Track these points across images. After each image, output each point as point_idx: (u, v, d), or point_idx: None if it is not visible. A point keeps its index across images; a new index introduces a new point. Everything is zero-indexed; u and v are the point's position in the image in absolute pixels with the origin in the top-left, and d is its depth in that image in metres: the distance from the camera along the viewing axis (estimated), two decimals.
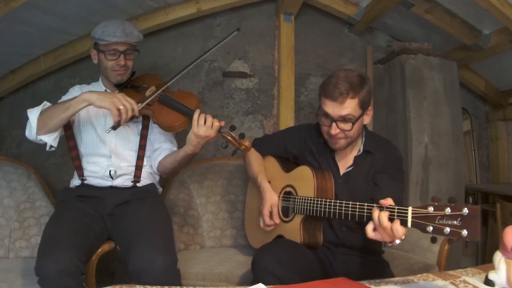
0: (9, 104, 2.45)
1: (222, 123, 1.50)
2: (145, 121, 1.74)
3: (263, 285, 1.06)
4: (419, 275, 1.19)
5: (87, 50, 2.35)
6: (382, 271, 1.46)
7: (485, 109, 3.14)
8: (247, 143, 1.48)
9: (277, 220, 1.54)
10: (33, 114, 1.51)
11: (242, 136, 1.49)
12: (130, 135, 1.73)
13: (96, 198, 1.61)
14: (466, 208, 0.93)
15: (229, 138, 1.49)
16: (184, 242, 2.00)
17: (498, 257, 1.01)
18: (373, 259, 1.52)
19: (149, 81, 1.73)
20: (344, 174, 1.53)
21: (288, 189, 1.60)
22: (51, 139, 1.53)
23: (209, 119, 1.48)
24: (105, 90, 1.73)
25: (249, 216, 1.87)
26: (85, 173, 1.67)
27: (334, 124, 1.41)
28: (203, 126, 1.46)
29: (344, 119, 1.40)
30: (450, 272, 1.21)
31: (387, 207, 1.10)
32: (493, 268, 1.03)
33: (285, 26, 2.60)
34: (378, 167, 1.50)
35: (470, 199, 0.97)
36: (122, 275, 2.31)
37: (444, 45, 2.66)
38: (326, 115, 1.42)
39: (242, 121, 2.65)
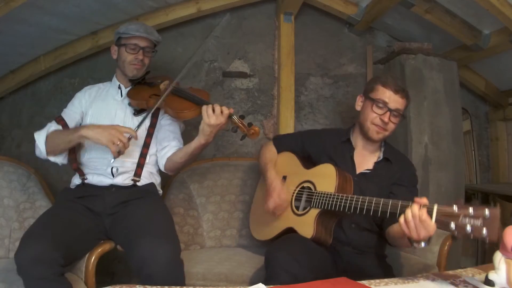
0: (9, 104, 2.45)
1: (231, 110, 1.55)
2: (153, 119, 1.77)
3: (263, 285, 1.06)
4: (419, 275, 1.19)
5: (87, 50, 2.36)
6: (386, 272, 1.48)
7: (485, 109, 3.14)
8: (256, 128, 1.57)
9: (287, 201, 1.60)
10: (40, 139, 1.59)
11: (250, 125, 1.58)
12: (138, 130, 1.72)
13: (96, 196, 1.62)
14: (487, 210, 0.99)
15: (239, 123, 1.57)
16: (184, 242, 2.00)
17: (498, 257, 1.01)
18: (377, 262, 1.53)
19: (160, 78, 1.80)
20: (360, 174, 1.59)
21: (306, 184, 1.62)
22: (60, 159, 1.65)
23: (217, 107, 1.53)
24: (119, 85, 1.80)
25: (259, 206, 1.85)
26: (86, 170, 1.68)
27: (388, 113, 1.54)
28: (213, 115, 1.51)
29: (397, 112, 1.55)
30: (450, 272, 1.21)
31: (412, 203, 1.16)
32: (493, 268, 1.03)
33: (285, 26, 2.60)
34: (395, 178, 1.55)
35: (492, 204, 1.02)
36: (122, 275, 2.31)
37: (444, 45, 2.66)
38: (384, 103, 1.54)
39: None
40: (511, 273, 0.98)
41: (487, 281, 1.04)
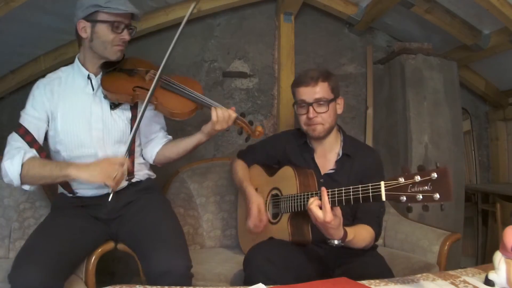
0: (9, 104, 2.45)
1: (233, 109, 1.50)
2: (133, 110, 1.56)
3: (263, 285, 1.05)
4: (419, 275, 1.19)
5: None
6: (377, 264, 1.45)
7: (485, 109, 3.15)
8: (260, 128, 1.54)
9: (265, 220, 1.59)
10: (13, 170, 1.32)
11: (251, 123, 1.54)
12: (120, 124, 1.53)
13: (95, 205, 1.51)
14: (434, 172, 0.95)
15: (243, 125, 1.52)
16: None
17: (498, 257, 1.01)
18: (367, 254, 1.51)
19: (140, 65, 1.57)
20: (326, 175, 1.58)
21: (274, 191, 1.63)
22: (34, 187, 1.43)
23: (226, 113, 1.47)
24: (88, 75, 1.50)
25: (242, 224, 1.88)
26: (74, 186, 1.51)
27: (311, 108, 1.52)
28: (223, 122, 1.47)
29: (319, 101, 1.52)
30: (450, 272, 1.21)
31: (362, 187, 1.16)
32: (493, 268, 1.03)
33: (285, 26, 2.60)
34: (361, 171, 1.53)
35: (437, 164, 0.97)
36: (122, 275, 2.31)
37: (444, 45, 2.66)
38: (302, 102, 1.54)
39: None
40: (511, 273, 0.98)
41: (487, 281, 1.04)
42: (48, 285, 1.17)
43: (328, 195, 1.22)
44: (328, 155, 1.61)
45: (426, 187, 0.96)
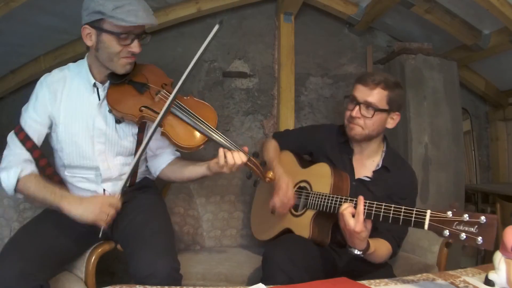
0: (9, 104, 2.45)
1: (246, 150, 1.36)
2: (141, 123, 1.45)
3: (263, 285, 1.05)
4: (419, 275, 1.19)
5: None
6: (386, 271, 1.45)
7: (485, 109, 3.15)
8: (271, 174, 1.42)
9: (292, 200, 1.53)
10: (8, 182, 1.28)
11: (256, 155, 1.41)
12: (124, 140, 1.46)
13: None
14: (483, 217, 0.95)
15: (255, 168, 1.40)
16: (184, 242, 2.00)
17: (498, 257, 1.01)
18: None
19: (152, 77, 1.44)
20: (359, 179, 1.54)
21: (303, 184, 1.60)
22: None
23: (237, 159, 1.32)
24: (94, 83, 1.39)
25: (258, 207, 1.86)
26: (74, 192, 1.46)
27: (357, 107, 1.47)
28: (231, 167, 1.34)
29: (368, 104, 1.46)
30: (450, 272, 1.21)
31: (405, 209, 1.13)
32: (493, 268, 1.03)
33: (285, 26, 2.61)
34: (394, 188, 1.49)
35: (489, 209, 0.97)
36: (122, 275, 2.31)
37: (444, 45, 2.66)
38: (353, 98, 1.49)
39: (242, 121, 2.65)
40: (511, 273, 0.98)
41: (487, 281, 1.04)
42: (33, 274, 1.15)
43: (364, 206, 1.20)
44: (366, 161, 1.56)
45: (471, 228, 0.96)
